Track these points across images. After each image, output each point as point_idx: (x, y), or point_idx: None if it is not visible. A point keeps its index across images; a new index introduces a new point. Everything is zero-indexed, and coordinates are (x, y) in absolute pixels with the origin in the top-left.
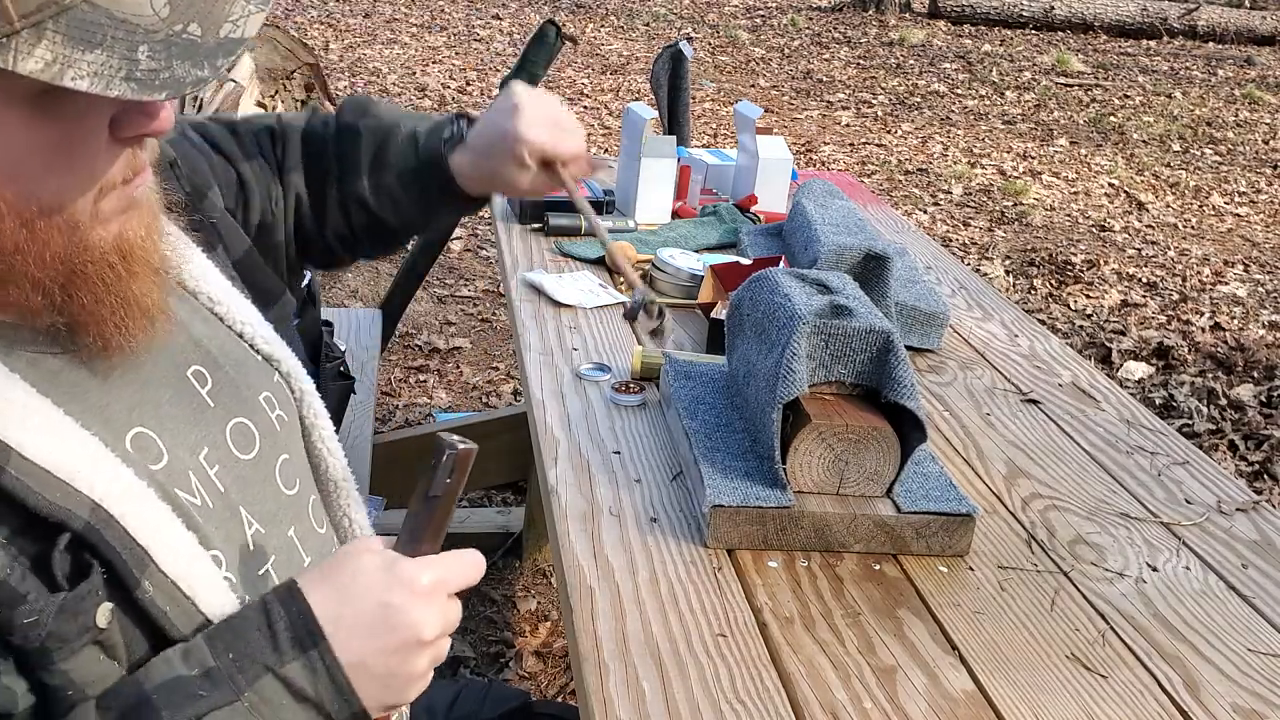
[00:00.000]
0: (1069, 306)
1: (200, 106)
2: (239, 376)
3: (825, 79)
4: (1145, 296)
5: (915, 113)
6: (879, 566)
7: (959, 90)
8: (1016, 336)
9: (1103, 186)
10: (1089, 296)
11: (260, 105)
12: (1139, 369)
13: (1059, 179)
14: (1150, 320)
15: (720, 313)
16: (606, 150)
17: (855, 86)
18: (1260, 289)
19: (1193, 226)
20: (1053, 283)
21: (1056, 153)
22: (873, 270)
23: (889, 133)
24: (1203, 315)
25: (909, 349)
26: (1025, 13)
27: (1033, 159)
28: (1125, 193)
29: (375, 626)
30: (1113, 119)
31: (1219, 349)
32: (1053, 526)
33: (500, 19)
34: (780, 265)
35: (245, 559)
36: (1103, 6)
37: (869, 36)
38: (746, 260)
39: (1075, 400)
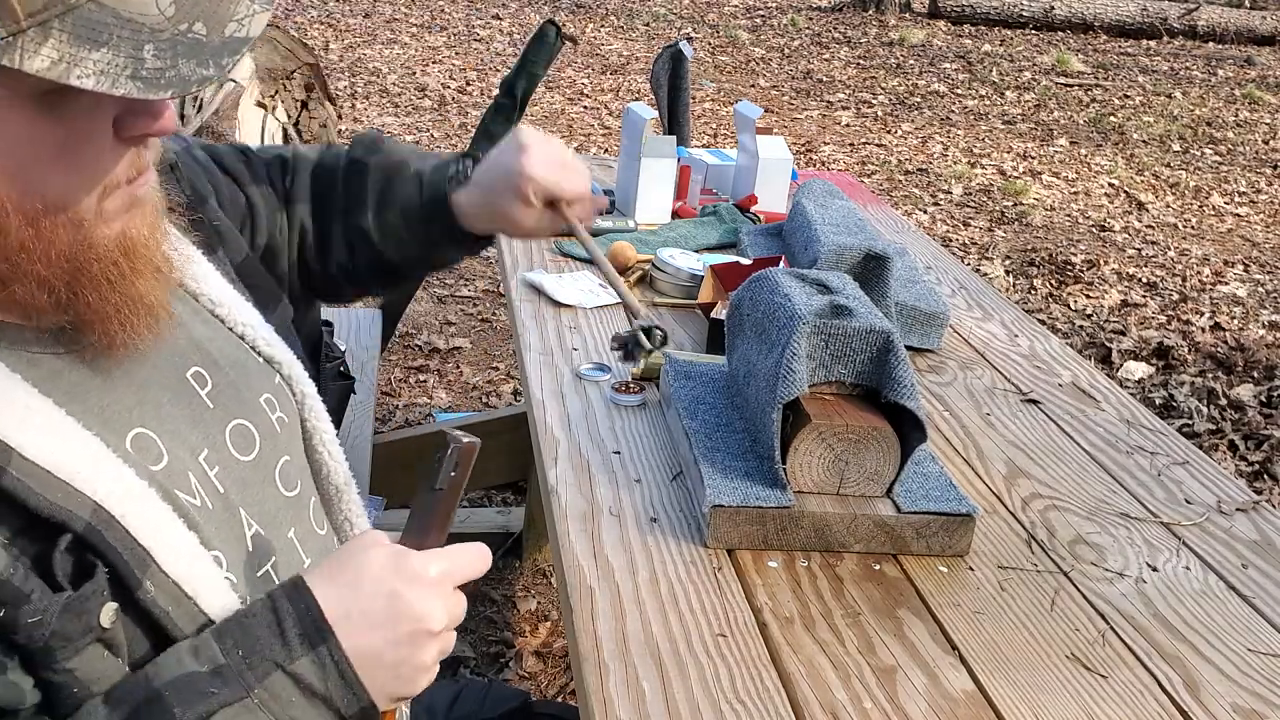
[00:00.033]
0: (1069, 306)
1: (200, 106)
2: (239, 378)
3: (825, 79)
4: (1145, 296)
5: (915, 113)
6: (879, 566)
7: (959, 90)
8: (1016, 336)
9: (1103, 186)
10: (1089, 296)
11: (260, 105)
12: (1139, 369)
13: (1059, 179)
14: (1150, 320)
15: (720, 313)
16: (606, 150)
17: (855, 86)
18: (1260, 289)
19: (1193, 226)
20: (1053, 283)
21: (1056, 153)
22: (873, 270)
23: (889, 133)
24: (1203, 315)
25: (909, 349)
26: (1025, 13)
27: (1033, 159)
28: (1125, 193)
29: (385, 618)
30: (1113, 119)
31: (1219, 349)
32: (1053, 526)
33: (500, 19)
34: (780, 265)
35: (246, 559)
36: (1103, 6)
37: (869, 36)
38: (746, 260)
39: (1075, 400)
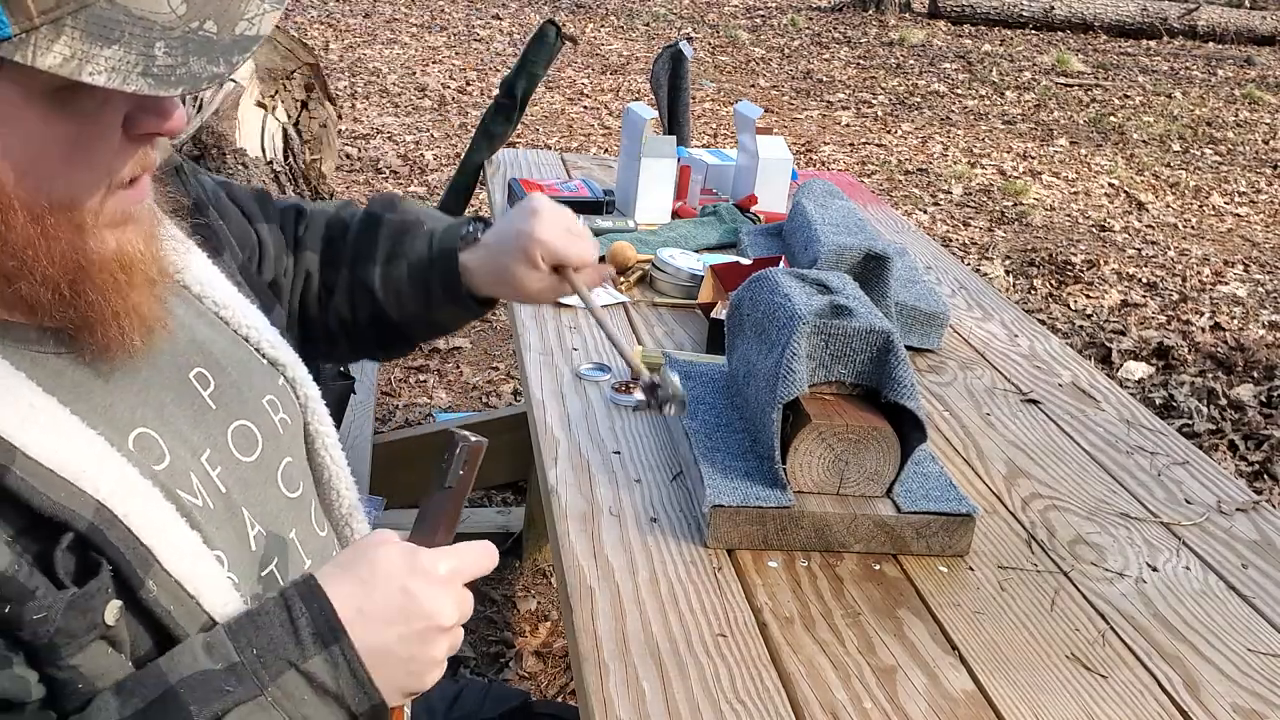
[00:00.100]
0: (1069, 306)
1: (200, 106)
2: (241, 379)
3: (825, 79)
4: (1145, 296)
5: (915, 113)
6: (879, 566)
7: (959, 90)
8: (1016, 336)
9: (1103, 186)
10: (1089, 296)
11: (260, 105)
12: (1139, 369)
13: (1059, 179)
14: (1150, 320)
15: (720, 313)
16: (606, 150)
17: (855, 86)
18: (1260, 289)
19: (1193, 226)
20: (1053, 283)
21: (1056, 153)
22: (873, 270)
23: (889, 133)
24: (1203, 315)
25: (909, 349)
26: (1025, 13)
27: (1033, 159)
28: (1125, 193)
29: (397, 614)
30: (1113, 119)
31: (1219, 349)
32: (1053, 526)
33: (500, 19)
34: (780, 265)
35: (248, 560)
36: (1103, 6)
37: (869, 36)
38: (746, 260)
39: (1075, 400)
